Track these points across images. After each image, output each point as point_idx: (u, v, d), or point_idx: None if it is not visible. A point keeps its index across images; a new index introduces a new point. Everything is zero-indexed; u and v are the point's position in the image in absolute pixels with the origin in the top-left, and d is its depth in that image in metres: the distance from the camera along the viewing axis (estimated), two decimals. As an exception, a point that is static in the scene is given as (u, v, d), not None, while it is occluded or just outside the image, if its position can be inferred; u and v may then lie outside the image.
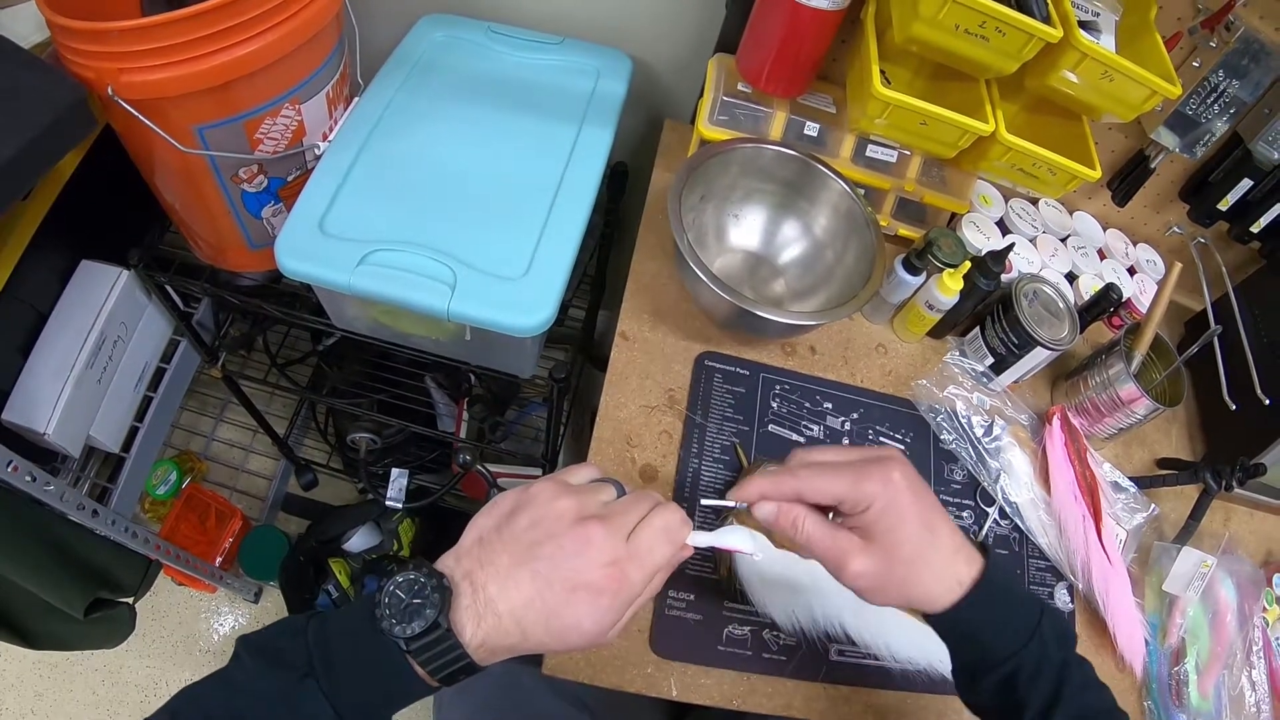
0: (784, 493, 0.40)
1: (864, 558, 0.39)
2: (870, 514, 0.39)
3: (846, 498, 0.39)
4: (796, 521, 0.40)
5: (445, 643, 0.33)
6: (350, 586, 1.00)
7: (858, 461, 0.41)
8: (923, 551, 0.39)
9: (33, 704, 1.05)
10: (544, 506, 0.37)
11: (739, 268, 0.71)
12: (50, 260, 0.72)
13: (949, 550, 0.40)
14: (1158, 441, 0.75)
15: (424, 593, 0.33)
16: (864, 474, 0.39)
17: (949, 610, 0.39)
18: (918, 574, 0.39)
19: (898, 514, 0.39)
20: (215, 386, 1.19)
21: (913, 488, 0.40)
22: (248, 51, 0.55)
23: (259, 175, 0.65)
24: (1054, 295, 0.68)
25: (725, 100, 0.68)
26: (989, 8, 0.54)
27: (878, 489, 0.39)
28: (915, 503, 0.40)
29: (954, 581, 0.39)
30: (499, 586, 0.35)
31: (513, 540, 0.36)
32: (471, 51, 0.74)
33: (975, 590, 0.39)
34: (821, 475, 0.40)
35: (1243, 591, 0.66)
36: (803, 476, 0.40)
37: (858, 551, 0.39)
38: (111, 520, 0.76)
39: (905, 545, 0.39)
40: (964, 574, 0.40)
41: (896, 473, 0.40)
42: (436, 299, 0.57)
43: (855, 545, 0.39)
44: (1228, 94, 0.68)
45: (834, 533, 0.40)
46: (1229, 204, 0.74)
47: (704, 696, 0.53)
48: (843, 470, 0.40)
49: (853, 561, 0.39)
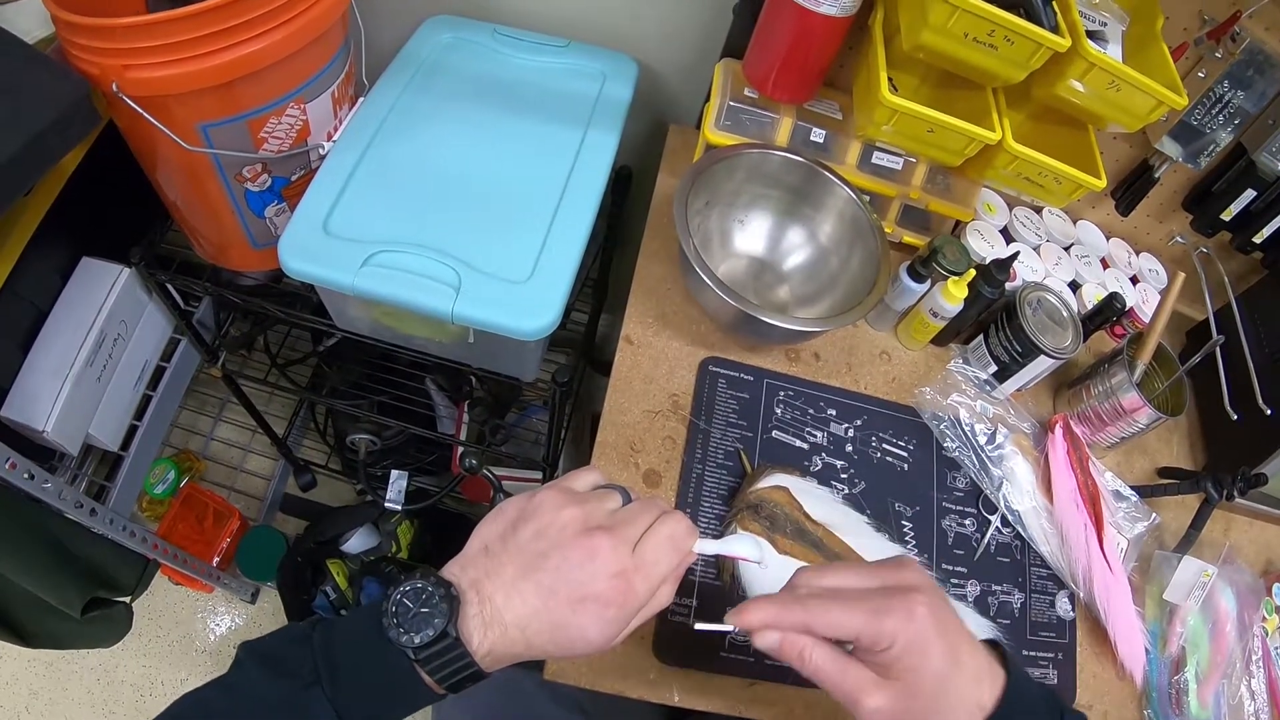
0: (790, 624, 0.36)
1: (880, 695, 0.35)
2: (892, 653, 0.35)
3: (863, 636, 0.35)
4: (803, 654, 0.36)
5: (454, 651, 0.33)
6: (348, 588, 1.00)
7: (876, 591, 0.37)
8: (946, 683, 0.36)
9: (28, 702, 1.05)
10: (549, 516, 0.36)
11: (743, 273, 0.71)
12: (51, 257, 0.72)
13: (971, 678, 0.37)
14: (1159, 450, 0.75)
15: (432, 602, 0.33)
16: (884, 609, 0.35)
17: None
18: (939, 705, 0.36)
19: (921, 652, 0.35)
20: (214, 386, 1.19)
21: (938, 620, 0.36)
22: (253, 50, 0.55)
23: (263, 174, 0.65)
24: (1058, 304, 0.69)
25: (732, 105, 0.68)
26: (998, 16, 0.54)
27: (900, 626, 0.35)
28: (940, 637, 0.36)
29: (975, 707, 0.36)
30: (505, 597, 0.35)
31: (518, 550, 0.36)
32: (477, 53, 0.74)
33: (997, 711, 0.36)
34: (833, 608, 0.36)
35: (1242, 601, 0.66)
36: (812, 609, 0.36)
37: (873, 689, 0.35)
38: (109, 519, 0.76)
39: (928, 682, 0.35)
40: (986, 699, 0.36)
41: (920, 606, 0.36)
42: (441, 301, 0.56)
43: (870, 681, 0.35)
44: (1232, 105, 0.68)
45: (845, 667, 0.36)
46: (1232, 214, 0.74)
47: (706, 703, 0.52)
48: (857, 604, 0.36)
49: (868, 699, 0.35)
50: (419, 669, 0.33)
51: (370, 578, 0.99)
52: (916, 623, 0.35)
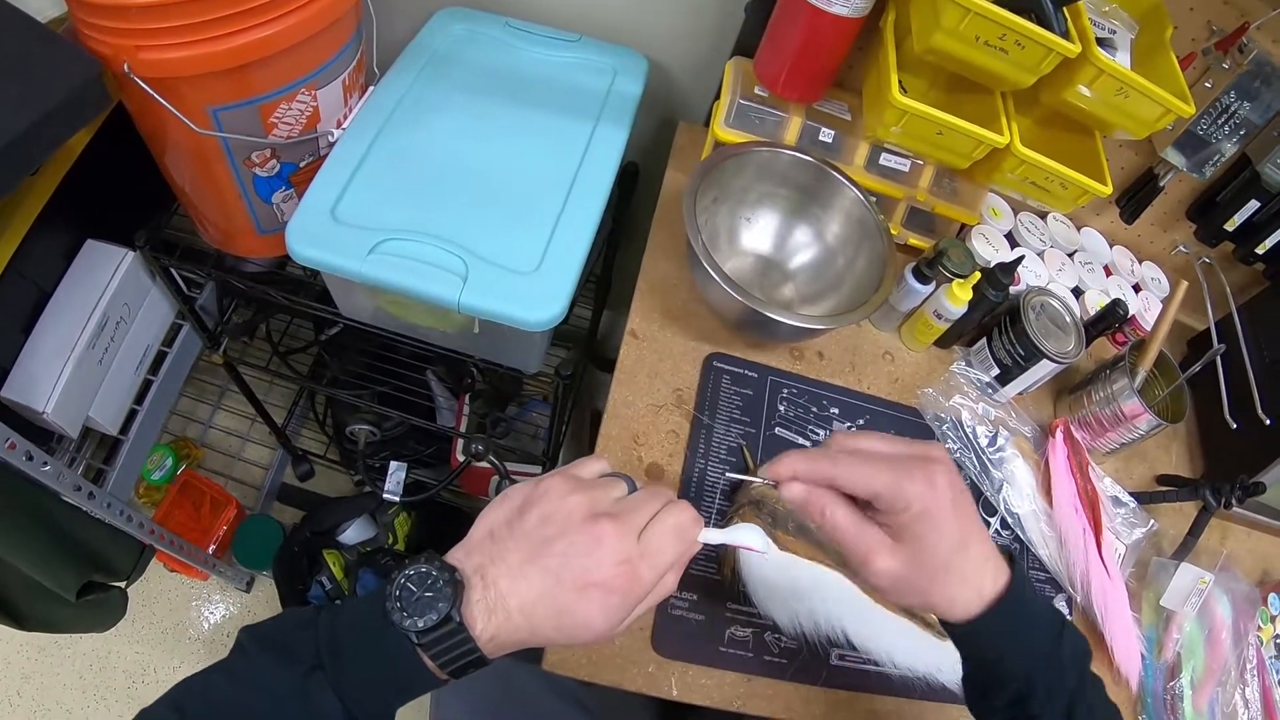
0: (817, 476, 0.38)
1: (891, 558, 0.37)
2: (906, 516, 0.37)
3: (884, 495, 0.37)
4: (825, 508, 0.38)
5: (457, 636, 0.33)
6: (344, 579, 1.00)
7: (901, 457, 0.39)
8: (952, 560, 0.37)
9: (19, 685, 1.04)
10: (555, 502, 0.36)
11: (750, 271, 0.71)
12: (56, 238, 0.72)
13: (978, 560, 0.38)
14: (1158, 457, 0.75)
15: (436, 586, 0.33)
16: (907, 473, 0.37)
17: (968, 621, 0.38)
18: (942, 582, 0.38)
19: (935, 521, 0.37)
20: (214, 373, 1.19)
21: (955, 495, 0.38)
22: (266, 34, 0.55)
23: (271, 160, 0.65)
24: (1061, 309, 0.69)
25: (742, 103, 0.68)
26: (1010, 21, 0.54)
27: (920, 491, 0.37)
28: (954, 511, 0.38)
29: (975, 594, 0.38)
30: (510, 582, 0.35)
31: (524, 536, 0.36)
32: (488, 45, 0.74)
33: (998, 604, 0.38)
34: (862, 466, 0.38)
35: (1238, 609, 0.67)
36: (841, 463, 0.38)
37: (885, 550, 0.37)
38: (107, 503, 0.76)
39: (937, 553, 0.37)
40: (988, 587, 0.38)
41: (941, 477, 0.37)
42: (448, 290, 0.56)
43: (883, 543, 0.37)
44: (1238, 115, 0.69)
45: (862, 526, 0.38)
46: (1235, 225, 0.75)
47: (704, 697, 0.52)
48: (884, 465, 0.38)
49: (878, 559, 0.37)
50: (422, 653, 0.33)
51: (366, 569, 0.98)
52: (936, 491, 0.37)
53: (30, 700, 1.04)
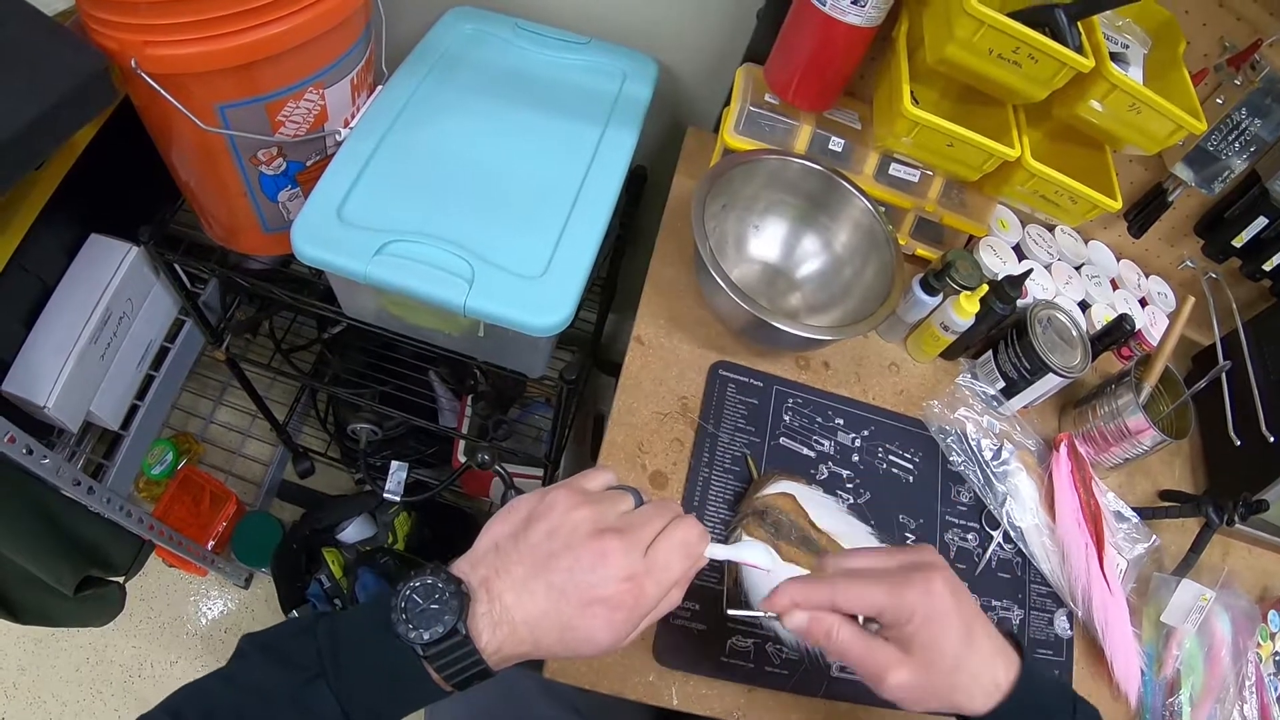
0: (817, 602, 0.39)
1: (904, 671, 0.37)
2: (911, 627, 0.37)
3: (887, 609, 0.38)
4: (830, 631, 0.38)
5: (463, 649, 0.33)
6: (343, 577, 1.00)
7: (897, 569, 0.39)
8: (964, 660, 0.38)
9: (15, 678, 1.04)
10: (561, 516, 0.36)
11: (756, 279, 0.71)
12: (60, 232, 0.71)
13: (988, 655, 0.39)
14: (1161, 473, 0.75)
15: (442, 598, 0.33)
16: (905, 584, 0.38)
17: (988, 714, 0.38)
18: (958, 682, 0.38)
19: (941, 625, 0.37)
20: (216, 368, 1.18)
21: (955, 595, 0.38)
22: (275, 32, 0.55)
23: (278, 158, 0.64)
24: (1068, 323, 0.69)
25: (752, 110, 0.68)
26: (1024, 34, 0.54)
27: (919, 599, 0.37)
28: (957, 612, 0.38)
29: (993, 686, 0.38)
30: (515, 596, 0.34)
31: (529, 550, 0.35)
32: (498, 46, 0.74)
33: (1013, 693, 0.38)
34: (859, 585, 0.39)
35: (1238, 626, 0.67)
36: (839, 586, 0.39)
37: (897, 664, 0.37)
38: (106, 498, 0.75)
39: (947, 656, 0.37)
40: (1002, 678, 0.38)
41: (938, 582, 0.38)
42: (453, 293, 0.56)
43: (894, 657, 0.38)
44: (1249, 132, 0.69)
45: (870, 644, 0.38)
46: (1243, 241, 0.75)
47: (704, 707, 0.52)
48: (881, 580, 0.39)
49: (892, 674, 0.37)
50: (427, 665, 0.33)
51: (365, 568, 0.98)
52: (934, 597, 0.38)
53: (26, 692, 1.04)
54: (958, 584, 0.39)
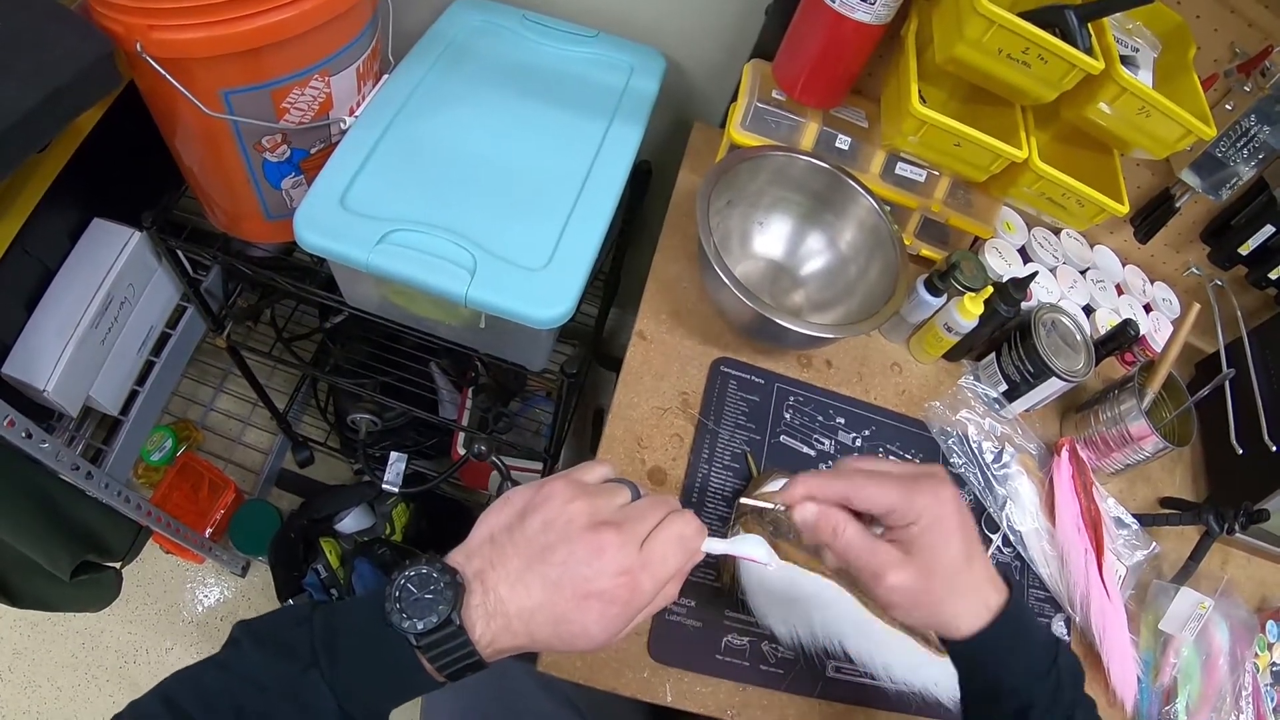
0: (831, 495, 0.40)
1: (903, 571, 0.38)
2: (916, 528, 0.38)
3: (897, 508, 0.39)
4: (837, 527, 0.39)
5: (456, 640, 0.33)
6: (340, 567, 1.00)
7: (908, 474, 0.40)
8: (960, 573, 0.39)
9: (10, 661, 1.04)
10: (558, 509, 0.36)
11: (760, 276, 0.70)
12: (62, 216, 0.71)
13: (982, 576, 0.40)
14: (1161, 480, 0.75)
15: (436, 588, 0.33)
16: (916, 487, 0.39)
17: (973, 636, 0.39)
18: (951, 595, 0.39)
19: (944, 532, 0.39)
20: (217, 356, 1.18)
21: (959, 509, 0.40)
22: (281, 18, 0.54)
23: (282, 145, 0.64)
24: (1072, 327, 0.68)
25: (759, 107, 0.68)
26: (1034, 34, 0.54)
27: (928, 503, 0.38)
28: (960, 524, 0.39)
29: (982, 607, 0.39)
30: (509, 588, 0.34)
31: (525, 542, 0.35)
32: (505, 38, 0.73)
33: (1000, 619, 0.39)
34: (873, 482, 0.39)
35: (1235, 635, 0.66)
36: (854, 480, 0.40)
37: (897, 564, 0.38)
38: (104, 483, 0.75)
39: (945, 564, 0.39)
40: (992, 601, 0.39)
41: (946, 491, 0.39)
42: (455, 283, 0.56)
43: (895, 558, 0.39)
44: (1257, 139, 0.68)
45: (874, 543, 0.39)
46: (1250, 249, 0.74)
47: (699, 704, 0.52)
48: (894, 481, 0.39)
49: (891, 574, 0.38)
50: (420, 656, 0.33)
51: (363, 558, 0.98)
52: (943, 504, 0.39)
53: (21, 676, 1.04)
54: (963, 502, 0.40)
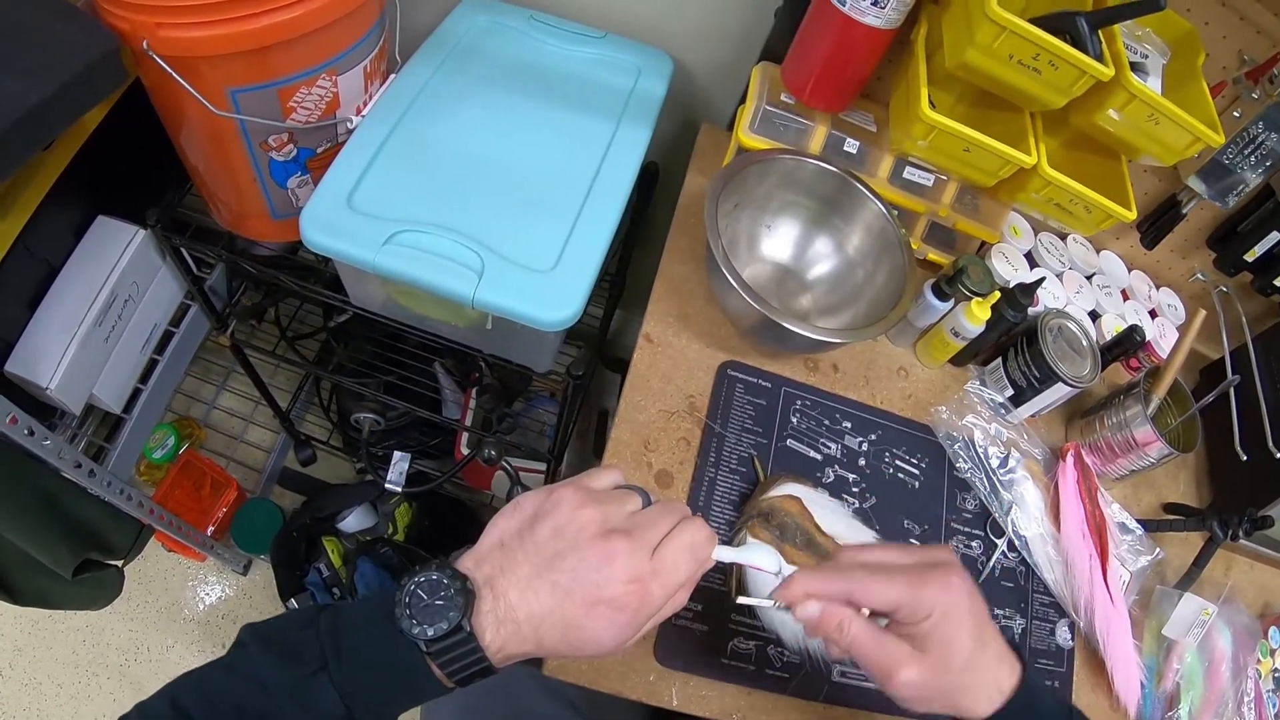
0: (833, 593, 0.38)
1: (915, 668, 0.37)
2: (928, 623, 0.37)
3: (904, 605, 0.37)
4: (843, 625, 0.37)
5: (466, 646, 0.33)
6: (342, 566, 1.00)
7: (914, 566, 0.39)
8: (973, 660, 0.37)
9: (11, 658, 1.04)
10: (568, 515, 0.36)
11: (767, 279, 0.70)
12: (66, 214, 0.71)
13: (994, 658, 0.38)
14: (1166, 486, 0.75)
15: (446, 594, 0.33)
16: (923, 580, 0.37)
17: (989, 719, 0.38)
18: (965, 683, 0.37)
19: (956, 622, 0.37)
20: (220, 354, 1.18)
21: (970, 595, 0.38)
22: (288, 17, 0.54)
23: (289, 144, 0.64)
24: (1078, 332, 0.68)
25: (767, 109, 0.68)
26: (1044, 40, 0.54)
27: (938, 596, 0.37)
28: (972, 610, 0.38)
29: (995, 691, 0.38)
30: (519, 594, 0.34)
31: (535, 549, 0.35)
32: (512, 38, 0.73)
33: (1014, 698, 0.38)
34: (876, 579, 0.38)
35: (1238, 642, 0.66)
36: (856, 578, 0.38)
37: (908, 661, 0.37)
38: (107, 481, 0.75)
39: (959, 655, 0.37)
40: (1005, 683, 0.38)
41: (956, 578, 0.38)
42: (462, 285, 0.56)
43: (905, 654, 0.37)
44: (1265, 146, 0.68)
45: (882, 639, 0.37)
46: (1256, 256, 0.74)
47: (704, 708, 0.52)
48: (899, 575, 0.38)
49: (903, 671, 0.37)
50: (429, 661, 0.33)
51: (365, 558, 0.98)
52: (953, 594, 0.37)
53: (22, 673, 1.04)
54: (973, 584, 0.39)
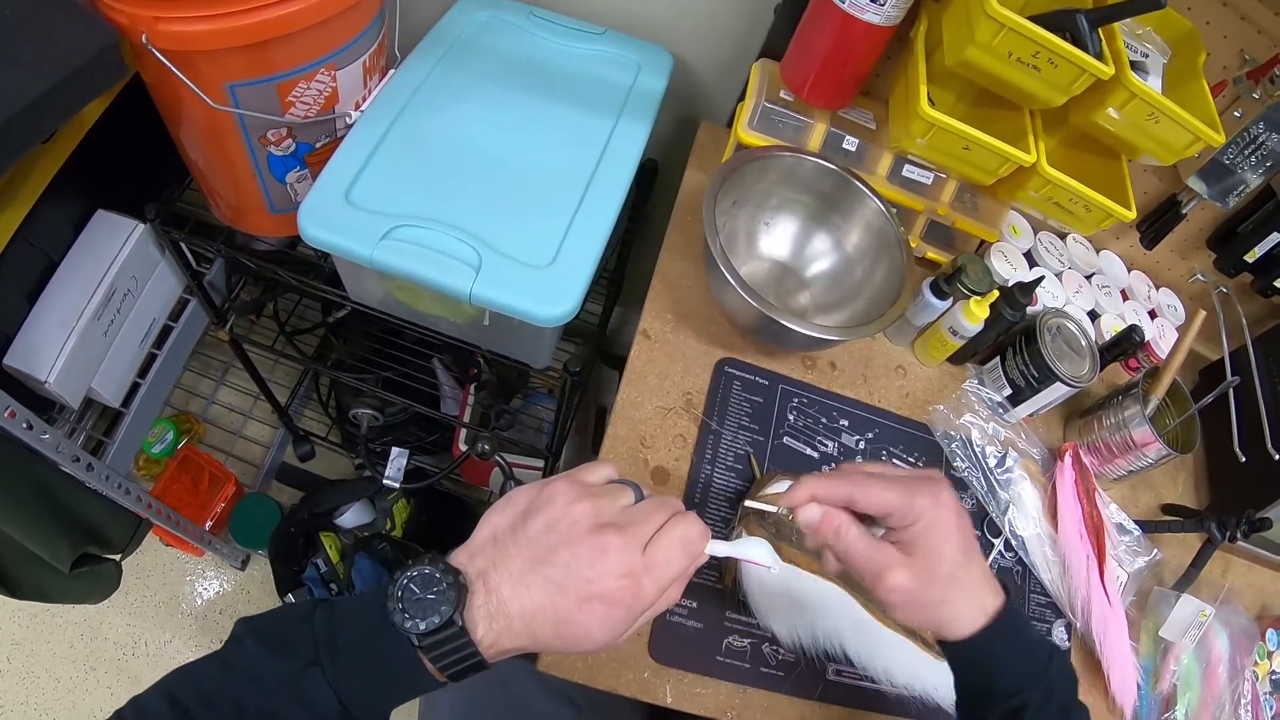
0: (835, 496, 0.41)
1: (903, 571, 0.39)
2: (917, 528, 0.39)
3: (898, 509, 0.40)
4: (840, 528, 0.40)
5: (458, 640, 0.32)
6: (339, 562, 1.00)
7: (909, 477, 0.41)
8: (958, 574, 0.40)
9: (9, 652, 1.04)
10: (561, 510, 0.36)
11: (765, 276, 0.70)
12: (66, 207, 0.71)
13: (979, 578, 0.41)
14: (1164, 486, 0.75)
15: (439, 588, 0.33)
16: (917, 489, 0.40)
17: (970, 638, 0.40)
18: (951, 595, 0.40)
19: (944, 533, 0.40)
20: (219, 349, 1.18)
21: (958, 510, 0.41)
22: (287, 12, 0.54)
23: (287, 139, 0.64)
24: (1077, 332, 0.68)
25: (766, 106, 0.67)
26: (1044, 38, 0.54)
27: (929, 504, 0.39)
28: (959, 525, 0.40)
29: (979, 609, 0.40)
30: (512, 589, 0.34)
31: (527, 543, 0.35)
32: (512, 34, 0.73)
33: (997, 621, 0.40)
34: (875, 483, 0.40)
35: (1235, 643, 0.66)
36: (857, 482, 0.40)
37: (898, 565, 0.39)
38: (105, 475, 0.75)
39: (945, 564, 0.39)
40: (989, 604, 0.40)
41: (946, 493, 0.40)
42: (459, 280, 0.56)
43: (896, 558, 0.39)
44: (1266, 147, 0.68)
45: (875, 543, 0.40)
46: (1256, 256, 0.74)
47: (698, 706, 0.52)
48: (895, 482, 0.40)
49: (892, 574, 0.39)
50: (421, 656, 0.33)
51: (362, 554, 0.98)
52: (942, 506, 0.40)
53: (20, 667, 1.04)
54: (960, 504, 0.42)
